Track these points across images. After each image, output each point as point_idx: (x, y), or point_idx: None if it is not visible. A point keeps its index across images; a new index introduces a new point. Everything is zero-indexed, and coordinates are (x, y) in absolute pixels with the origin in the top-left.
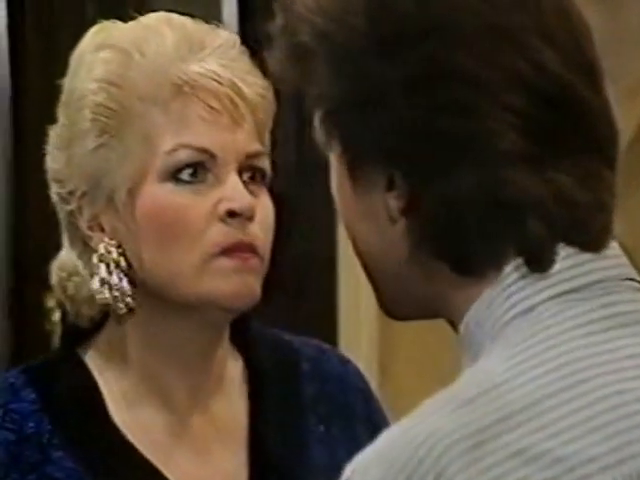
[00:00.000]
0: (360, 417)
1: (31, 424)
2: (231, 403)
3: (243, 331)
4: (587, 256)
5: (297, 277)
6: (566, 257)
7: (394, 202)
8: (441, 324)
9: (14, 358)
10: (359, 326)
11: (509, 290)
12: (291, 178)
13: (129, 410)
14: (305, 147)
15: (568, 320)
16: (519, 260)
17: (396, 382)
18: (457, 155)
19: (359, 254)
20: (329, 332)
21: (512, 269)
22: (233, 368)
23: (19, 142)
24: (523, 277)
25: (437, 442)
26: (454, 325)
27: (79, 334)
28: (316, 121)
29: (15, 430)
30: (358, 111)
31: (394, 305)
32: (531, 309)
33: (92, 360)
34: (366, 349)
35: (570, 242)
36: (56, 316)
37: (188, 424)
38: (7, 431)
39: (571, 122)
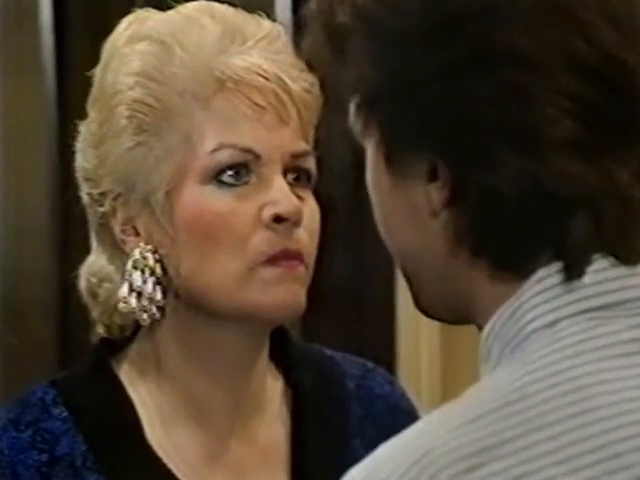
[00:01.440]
0: None
1: (64, 444)
2: (271, 424)
3: (283, 347)
4: (621, 271)
5: (353, 290)
6: (599, 270)
7: (437, 194)
8: None
9: (61, 368)
10: (419, 343)
11: (533, 301)
12: (348, 181)
13: (164, 429)
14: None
15: (592, 340)
16: (556, 265)
17: None
18: (506, 143)
19: (395, 252)
20: (387, 349)
21: (543, 275)
22: (273, 387)
23: (65, 142)
24: (550, 287)
25: (433, 461)
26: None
27: (113, 345)
28: (352, 107)
29: (47, 450)
30: (400, 95)
31: (429, 305)
32: (553, 324)
33: (125, 374)
34: (427, 370)
35: (610, 250)
36: (100, 328)
37: (226, 445)
38: (38, 451)
39: (630, 109)
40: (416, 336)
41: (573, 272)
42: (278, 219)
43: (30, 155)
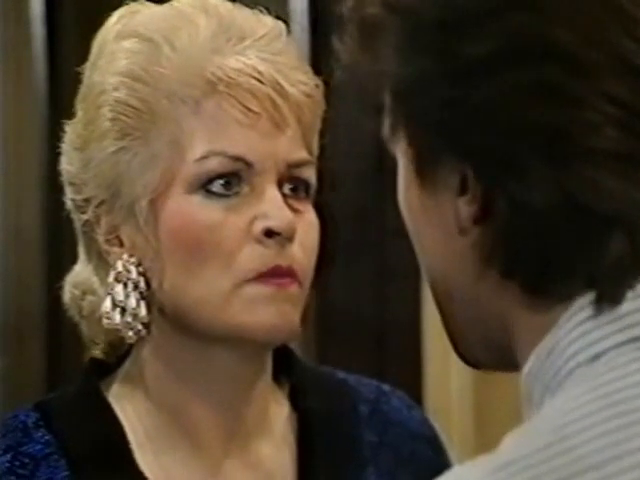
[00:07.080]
0: (429, 471)
1: (45, 469)
2: (278, 448)
3: (288, 369)
4: None
5: (376, 322)
6: (636, 297)
7: (465, 208)
8: None
9: (50, 390)
10: (448, 376)
11: (572, 335)
12: (369, 191)
13: (155, 454)
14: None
15: None
16: (590, 295)
17: (496, 440)
18: (540, 151)
19: (426, 273)
20: (413, 383)
21: (579, 306)
22: (277, 410)
23: (57, 139)
24: (588, 319)
25: None
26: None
27: (105, 366)
28: (384, 109)
29: (26, 476)
30: (429, 93)
31: (466, 344)
32: (597, 357)
33: (114, 396)
34: (457, 403)
35: None
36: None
37: (223, 471)
38: (17, 477)
39: None
40: (445, 369)
41: (609, 300)
42: (269, 233)
43: (21, 149)
